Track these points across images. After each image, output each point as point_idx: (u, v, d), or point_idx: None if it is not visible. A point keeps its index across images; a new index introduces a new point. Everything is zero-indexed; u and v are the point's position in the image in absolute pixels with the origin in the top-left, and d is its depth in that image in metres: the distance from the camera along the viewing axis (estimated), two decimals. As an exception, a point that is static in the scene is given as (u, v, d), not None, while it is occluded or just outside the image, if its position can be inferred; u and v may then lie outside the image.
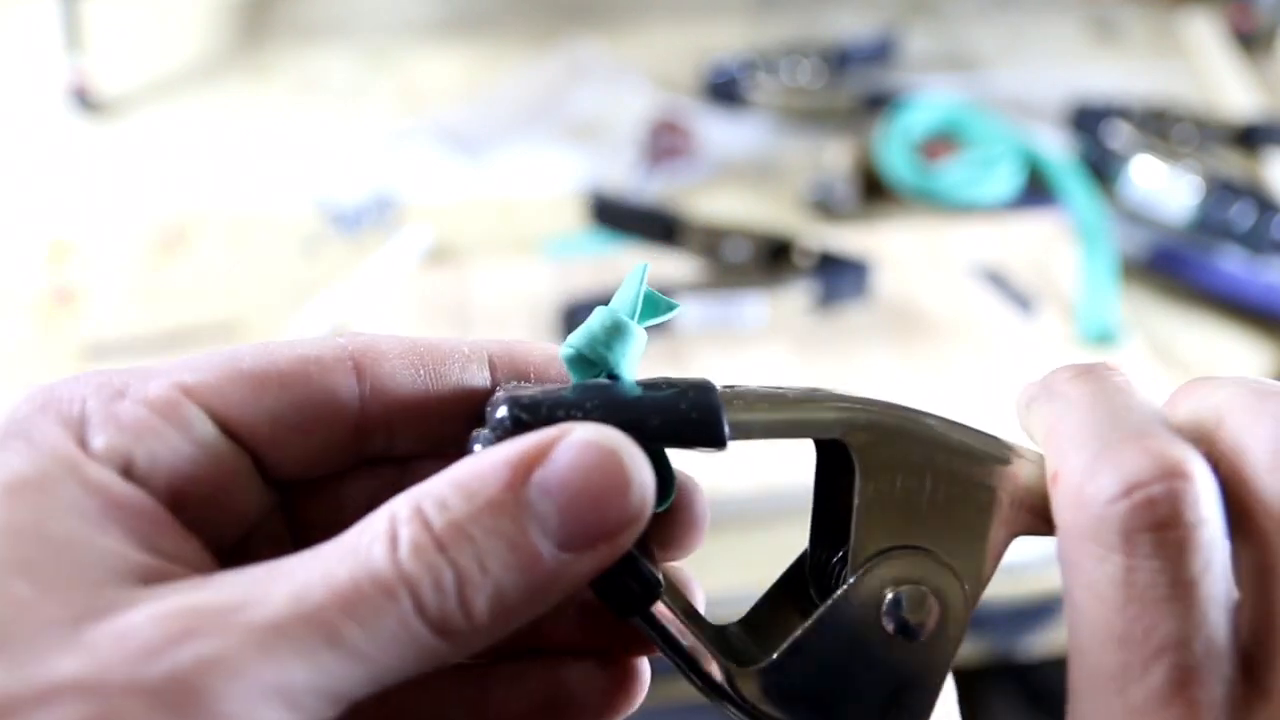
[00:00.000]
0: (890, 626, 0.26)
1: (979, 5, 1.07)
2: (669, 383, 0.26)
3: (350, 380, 0.26)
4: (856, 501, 0.26)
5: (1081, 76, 0.98)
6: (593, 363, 0.26)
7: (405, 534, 0.21)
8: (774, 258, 0.76)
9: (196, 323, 0.80)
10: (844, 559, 0.27)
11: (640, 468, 0.23)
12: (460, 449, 0.25)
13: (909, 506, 0.26)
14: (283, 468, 0.26)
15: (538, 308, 0.76)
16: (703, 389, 0.26)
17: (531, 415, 0.24)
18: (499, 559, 0.22)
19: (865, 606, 0.26)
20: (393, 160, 0.92)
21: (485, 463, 0.22)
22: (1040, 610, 0.69)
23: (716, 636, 0.27)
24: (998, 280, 0.78)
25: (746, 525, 0.67)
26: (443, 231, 0.85)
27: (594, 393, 0.25)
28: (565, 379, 0.27)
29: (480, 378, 0.27)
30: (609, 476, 0.22)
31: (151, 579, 0.22)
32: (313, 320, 0.78)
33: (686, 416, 0.25)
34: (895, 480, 0.26)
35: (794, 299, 0.76)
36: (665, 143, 0.89)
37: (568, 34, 1.03)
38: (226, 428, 0.25)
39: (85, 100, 0.95)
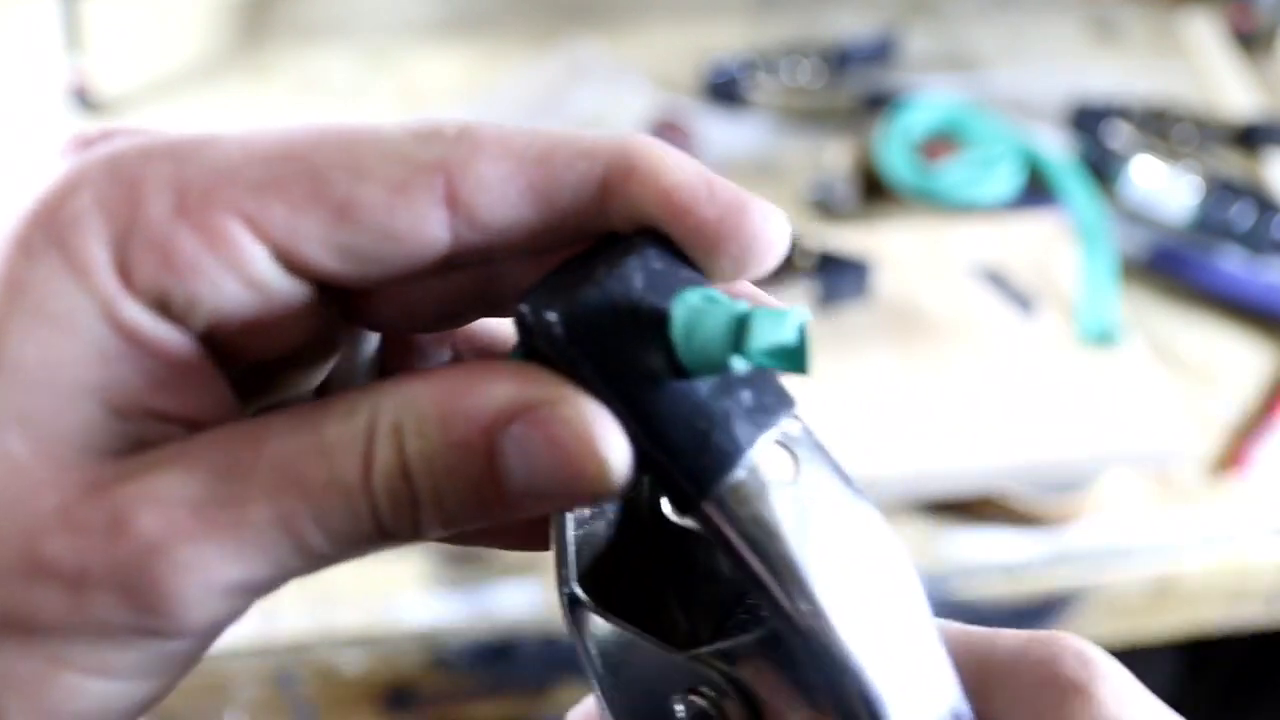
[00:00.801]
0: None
1: (979, 5, 1.07)
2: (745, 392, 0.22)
3: (440, 212, 0.22)
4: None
5: (1081, 76, 0.98)
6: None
7: (379, 455, 0.21)
8: (774, 258, 0.76)
9: (196, 323, 0.80)
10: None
11: (618, 455, 0.21)
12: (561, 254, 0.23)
13: None
14: (349, 287, 0.23)
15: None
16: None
17: (552, 350, 0.21)
18: (456, 495, 0.22)
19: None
20: (393, 160, 0.92)
21: (470, 398, 0.22)
22: (1040, 610, 0.69)
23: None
24: (998, 280, 0.78)
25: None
26: (443, 231, 0.85)
27: (647, 350, 0.21)
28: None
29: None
30: (582, 456, 0.21)
31: (147, 441, 0.22)
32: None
33: (697, 458, 0.21)
34: None
35: (794, 299, 0.76)
36: (665, 143, 0.89)
37: (568, 34, 1.03)
38: (290, 263, 0.22)
39: (85, 100, 0.95)
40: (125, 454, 0.21)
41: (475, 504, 0.22)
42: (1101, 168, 0.87)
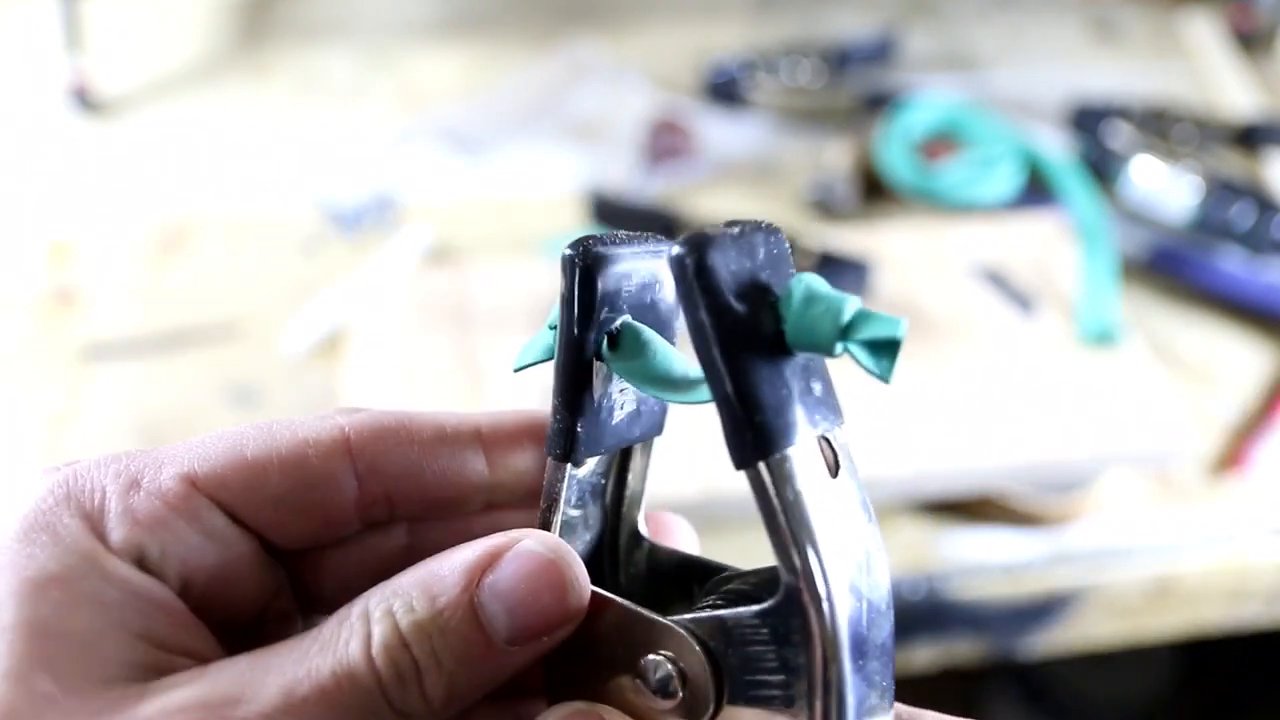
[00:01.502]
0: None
1: (979, 5, 1.07)
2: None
3: (346, 463, 0.28)
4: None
5: (1081, 76, 0.98)
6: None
7: (378, 633, 0.25)
8: (774, 258, 0.76)
9: (196, 323, 0.80)
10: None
11: (577, 574, 0.26)
12: (462, 514, 0.29)
13: None
14: (288, 544, 0.28)
15: (537, 308, 0.76)
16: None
17: (682, 284, 0.24)
18: (453, 653, 0.25)
19: None
20: (393, 160, 0.92)
21: (446, 566, 0.26)
22: (1040, 610, 0.69)
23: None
24: (998, 280, 0.78)
25: (746, 525, 0.67)
26: (442, 231, 0.85)
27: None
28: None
29: (470, 453, 0.29)
30: (550, 583, 0.26)
31: (162, 670, 0.25)
32: (313, 320, 0.78)
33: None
34: None
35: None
36: (665, 143, 0.89)
37: (568, 34, 1.03)
38: (233, 516, 0.27)
39: (85, 100, 0.95)
40: (141, 682, 0.24)
41: (471, 660, 0.25)
42: (1101, 168, 0.87)
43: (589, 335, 0.27)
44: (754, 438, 0.23)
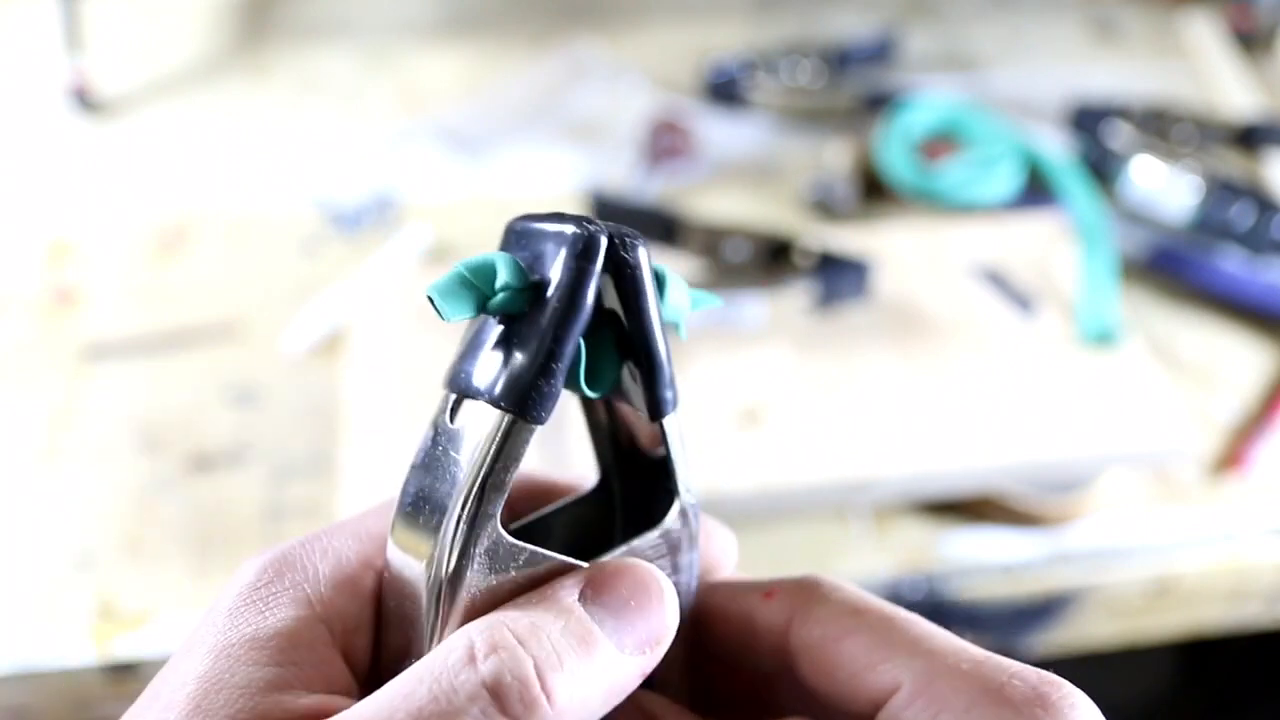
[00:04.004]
0: None
1: (979, 5, 1.07)
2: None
3: None
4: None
5: (1081, 76, 0.98)
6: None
7: (482, 641, 0.25)
8: (774, 258, 0.76)
9: (196, 323, 0.80)
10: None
11: (670, 593, 0.28)
12: None
13: None
14: None
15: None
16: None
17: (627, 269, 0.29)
18: (572, 651, 0.25)
19: None
20: (393, 160, 0.92)
21: (547, 588, 0.27)
22: (1040, 610, 0.69)
23: None
24: (998, 280, 0.78)
25: (747, 525, 0.67)
26: (443, 231, 0.85)
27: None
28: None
29: None
30: (650, 593, 0.28)
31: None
32: (313, 320, 0.78)
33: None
34: None
35: (794, 299, 0.76)
36: (665, 143, 0.89)
37: (568, 34, 1.03)
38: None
39: (85, 100, 0.95)
40: None
41: (593, 660, 0.26)
42: (1101, 168, 0.87)
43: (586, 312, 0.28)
44: (673, 395, 0.30)
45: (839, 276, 0.75)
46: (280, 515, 0.69)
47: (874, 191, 0.88)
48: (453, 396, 0.29)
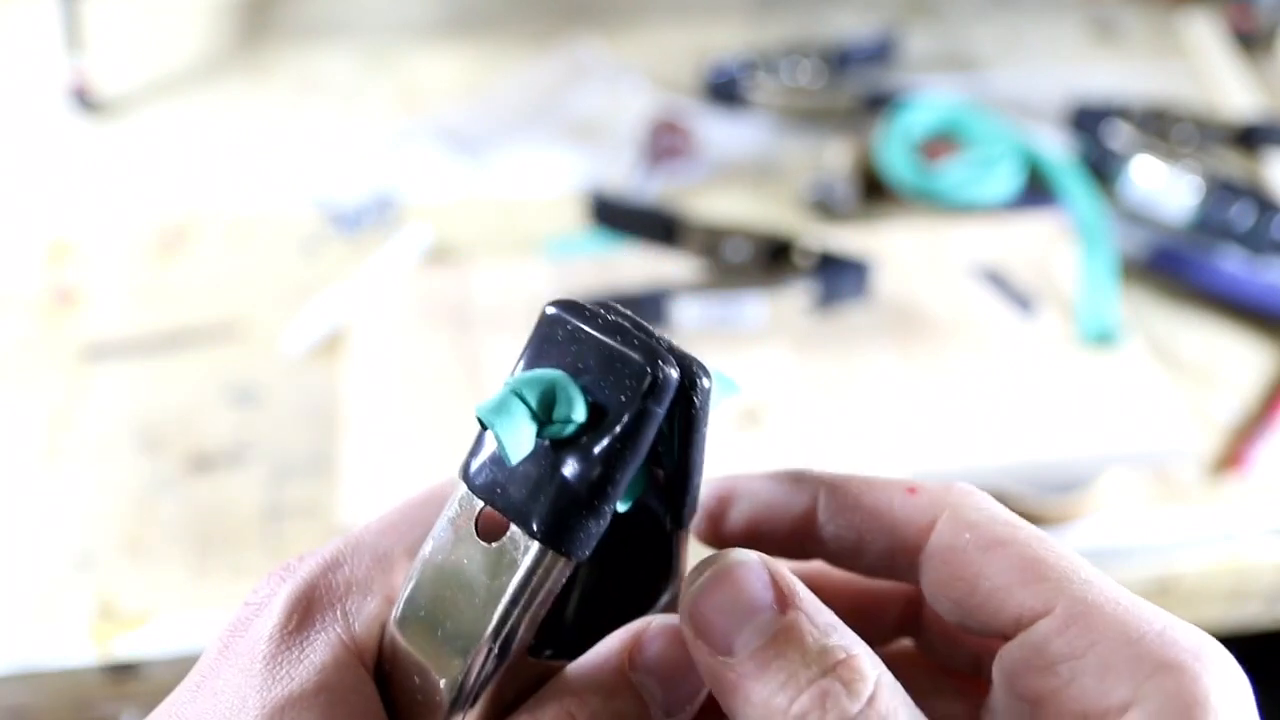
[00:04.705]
0: None
1: (979, 5, 1.07)
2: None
3: None
4: None
5: (1081, 76, 0.98)
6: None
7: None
8: (774, 258, 0.76)
9: (196, 323, 0.80)
10: None
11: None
12: None
13: None
14: None
15: (537, 308, 0.76)
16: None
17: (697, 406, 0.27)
18: None
19: None
20: (393, 160, 0.92)
21: (602, 654, 0.28)
22: (1040, 610, 0.69)
23: None
24: (998, 280, 0.78)
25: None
26: (443, 231, 0.85)
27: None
28: None
29: None
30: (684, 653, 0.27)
31: None
32: (313, 320, 0.78)
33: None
34: None
35: (794, 299, 0.76)
36: (665, 143, 0.89)
37: (568, 34, 1.03)
38: None
39: (85, 100, 0.95)
40: None
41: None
42: (1101, 168, 0.87)
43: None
44: (689, 511, 0.29)
45: (839, 276, 0.75)
46: (280, 515, 0.69)
47: (874, 191, 0.88)
48: (479, 503, 0.26)
